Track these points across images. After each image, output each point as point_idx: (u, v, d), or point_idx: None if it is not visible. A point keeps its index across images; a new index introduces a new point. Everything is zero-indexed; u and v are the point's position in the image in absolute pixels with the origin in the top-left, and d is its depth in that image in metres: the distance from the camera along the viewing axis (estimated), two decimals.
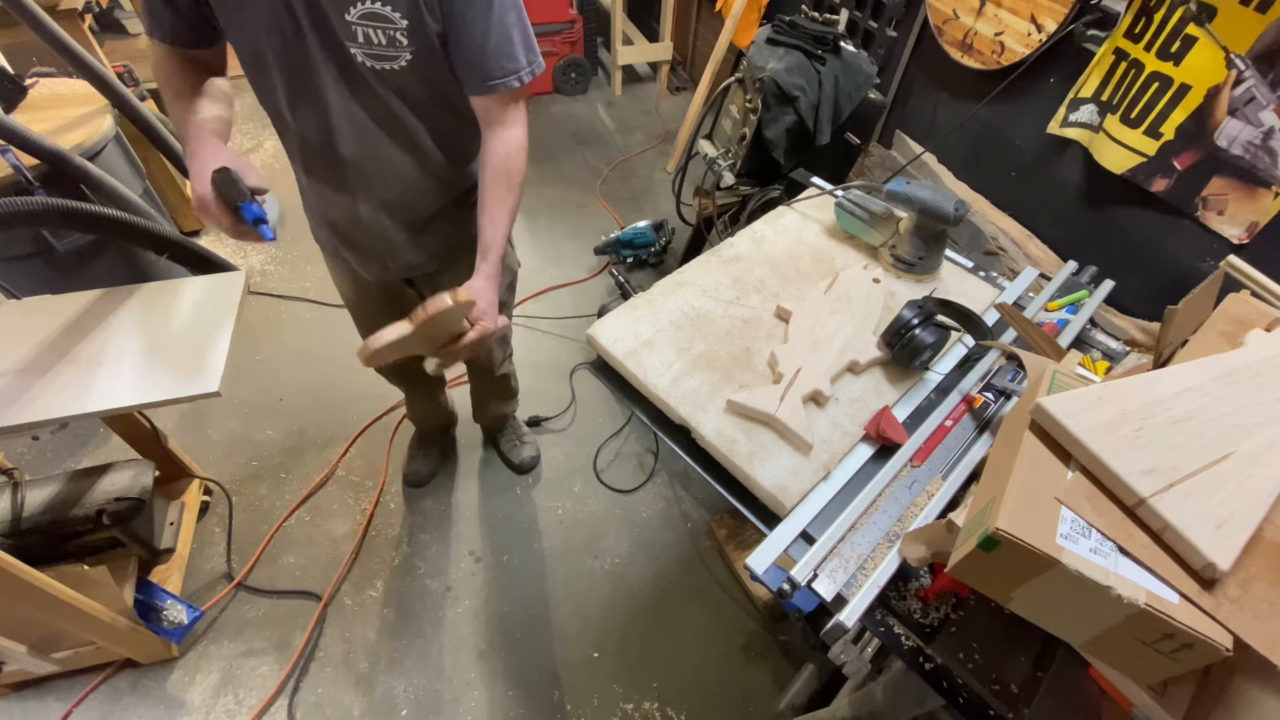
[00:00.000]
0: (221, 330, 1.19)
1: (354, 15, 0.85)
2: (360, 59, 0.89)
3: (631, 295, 1.21)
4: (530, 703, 1.51)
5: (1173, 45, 1.20)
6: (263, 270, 2.50)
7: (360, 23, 0.85)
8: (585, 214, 2.90)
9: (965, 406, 1.02)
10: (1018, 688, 0.76)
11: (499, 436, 1.96)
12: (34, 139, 1.53)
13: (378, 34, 0.87)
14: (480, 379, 1.71)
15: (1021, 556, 0.63)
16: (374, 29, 0.86)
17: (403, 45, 0.88)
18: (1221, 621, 0.60)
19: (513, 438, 1.95)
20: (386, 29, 0.86)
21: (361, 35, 0.87)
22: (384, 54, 0.89)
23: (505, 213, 1.00)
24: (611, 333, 1.08)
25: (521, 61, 0.95)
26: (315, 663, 1.55)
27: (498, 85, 0.95)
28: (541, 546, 1.79)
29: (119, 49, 3.41)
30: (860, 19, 1.99)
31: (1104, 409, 0.71)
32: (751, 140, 1.80)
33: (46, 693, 1.46)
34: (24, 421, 1.04)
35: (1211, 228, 1.22)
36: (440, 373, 0.96)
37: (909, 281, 1.22)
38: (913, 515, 0.89)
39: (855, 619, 0.78)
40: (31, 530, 1.31)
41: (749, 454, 0.93)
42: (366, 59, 0.89)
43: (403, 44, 0.88)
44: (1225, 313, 0.90)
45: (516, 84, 0.96)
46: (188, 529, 1.65)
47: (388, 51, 0.89)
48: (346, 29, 0.86)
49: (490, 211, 1.00)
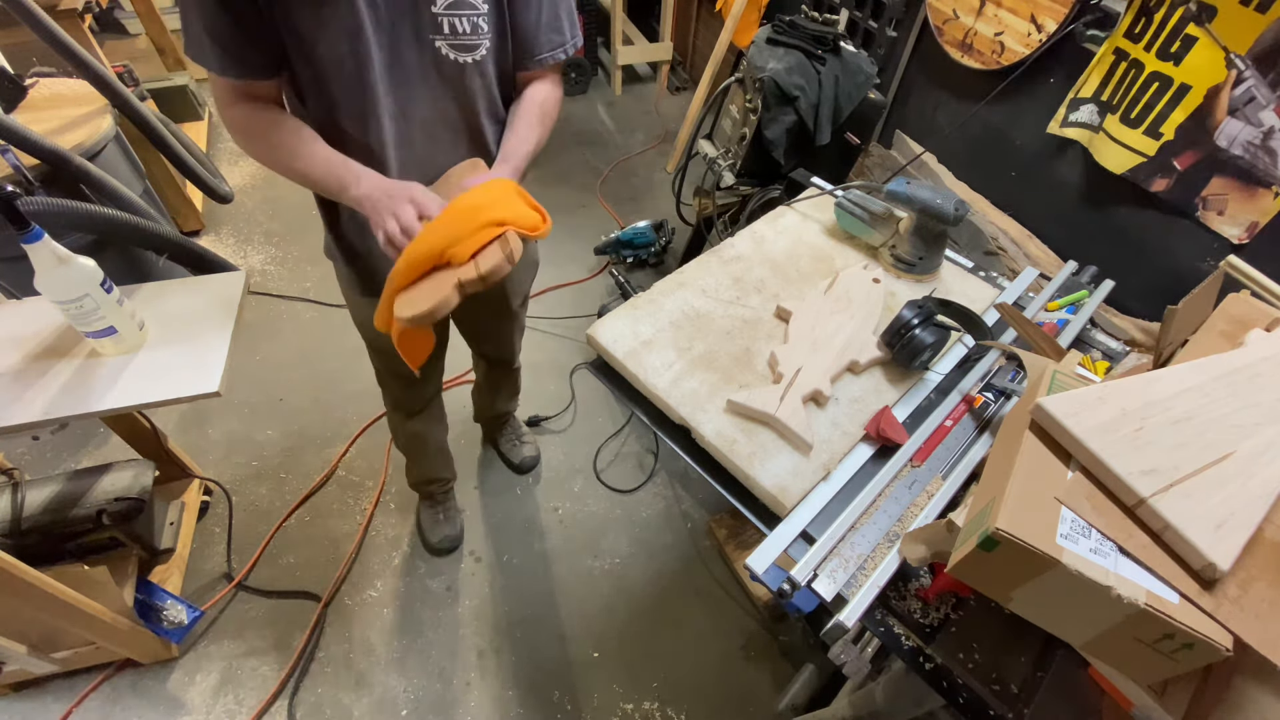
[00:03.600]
0: (221, 330, 1.19)
1: (440, 6, 0.85)
2: (445, 51, 0.88)
3: (631, 295, 1.21)
4: (530, 703, 1.51)
5: (1173, 45, 1.20)
6: (263, 270, 2.50)
7: (447, 13, 0.85)
8: (585, 214, 2.90)
9: (965, 406, 1.02)
10: (1018, 688, 0.76)
11: (499, 436, 1.96)
12: (34, 139, 1.53)
13: (463, 22, 0.87)
14: (495, 373, 1.68)
15: (1021, 556, 0.63)
16: (459, 17, 0.86)
17: (484, 32, 0.89)
18: (1221, 621, 0.60)
19: (512, 437, 1.95)
20: (470, 15, 0.87)
21: (448, 25, 0.86)
22: (468, 43, 0.89)
23: (534, 137, 0.99)
24: (611, 333, 1.08)
25: (567, 35, 0.98)
26: (315, 663, 1.54)
27: (546, 59, 0.98)
28: (541, 546, 1.79)
29: (119, 49, 3.41)
30: (860, 19, 1.99)
31: (1104, 409, 0.71)
32: (751, 140, 1.80)
33: (46, 693, 1.46)
34: (24, 421, 1.04)
35: (1211, 228, 1.22)
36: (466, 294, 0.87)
37: (909, 281, 1.22)
38: (913, 515, 0.89)
39: (855, 619, 0.78)
40: (31, 530, 1.31)
41: (749, 454, 0.93)
42: (451, 51, 0.88)
43: (484, 30, 0.89)
44: (1225, 313, 0.90)
45: (563, 56, 0.99)
46: (188, 529, 1.65)
47: (471, 40, 0.89)
48: (433, 21, 0.85)
49: (516, 129, 0.99)
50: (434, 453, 1.63)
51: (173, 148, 2.02)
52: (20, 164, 1.55)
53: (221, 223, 2.71)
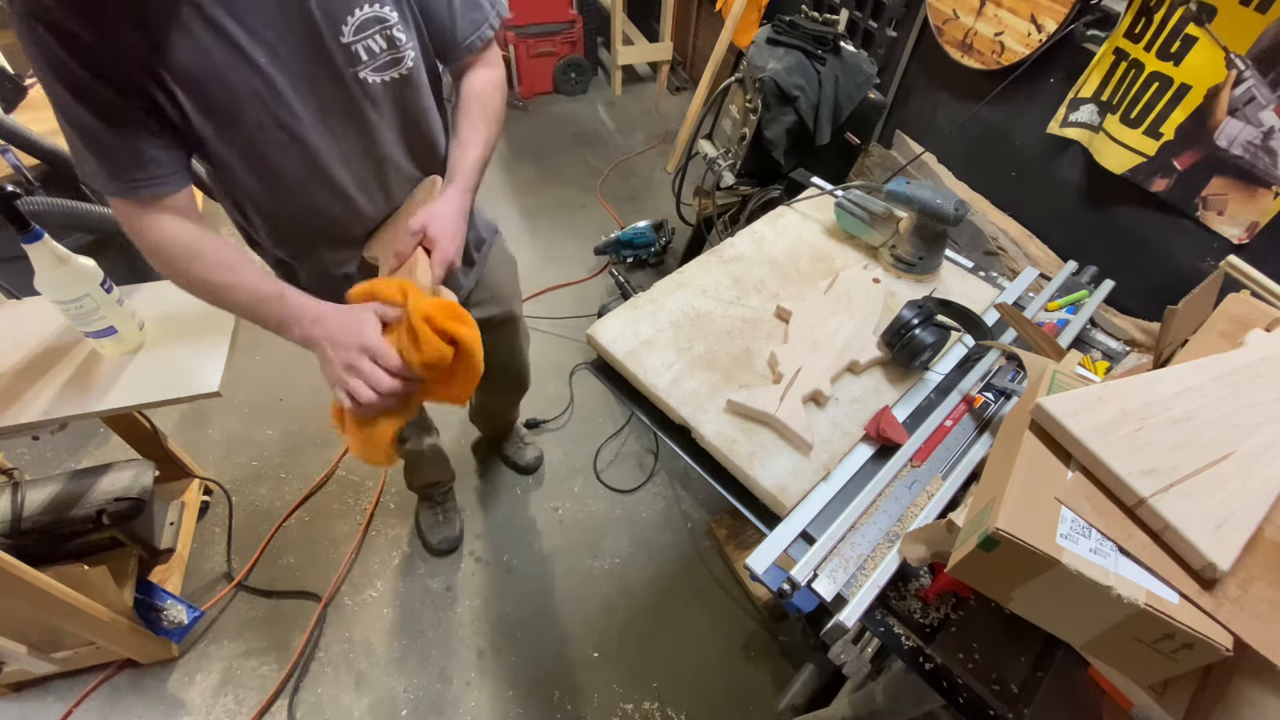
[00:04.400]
0: (221, 330, 1.19)
1: (349, 35, 0.76)
2: (370, 79, 0.81)
3: (631, 295, 1.21)
4: (530, 703, 1.51)
5: (1173, 45, 1.20)
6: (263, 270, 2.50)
7: (357, 38, 0.77)
8: (585, 214, 2.90)
9: (965, 406, 1.02)
10: (1018, 688, 0.76)
11: (503, 442, 1.95)
12: (34, 139, 1.53)
13: (377, 40, 0.79)
14: (509, 396, 1.65)
15: (1021, 556, 0.63)
16: (372, 37, 0.79)
17: (401, 43, 0.81)
18: (1221, 621, 0.60)
19: (516, 440, 1.94)
20: (383, 30, 0.79)
21: (363, 51, 0.78)
22: (391, 59, 0.81)
23: (479, 140, 0.92)
24: (611, 333, 1.08)
25: (486, 9, 0.91)
26: (315, 663, 1.55)
27: (474, 41, 0.91)
28: (541, 547, 1.79)
29: None
30: (860, 19, 1.99)
31: (1104, 409, 0.71)
32: (751, 140, 1.80)
33: (46, 693, 1.46)
34: (24, 421, 1.04)
35: (1211, 228, 1.22)
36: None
37: (909, 281, 1.22)
38: (913, 515, 0.89)
39: (855, 619, 0.78)
40: (31, 530, 1.31)
41: (749, 454, 0.93)
42: (375, 74, 0.81)
43: (401, 40, 0.81)
44: (1225, 313, 0.90)
45: (489, 33, 0.92)
46: (188, 529, 1.65)
47: (393, 55, 0.81)
48: (346, 53, 0.77)
49: (461, 136, 0.91)
50: (428, 461, 1.61)
51: None
52: (20, 164, 1.55)
53: (221, 223, 2.70)
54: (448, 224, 0.88)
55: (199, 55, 0.70)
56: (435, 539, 1.74)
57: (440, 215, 0.87)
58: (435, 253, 0.86)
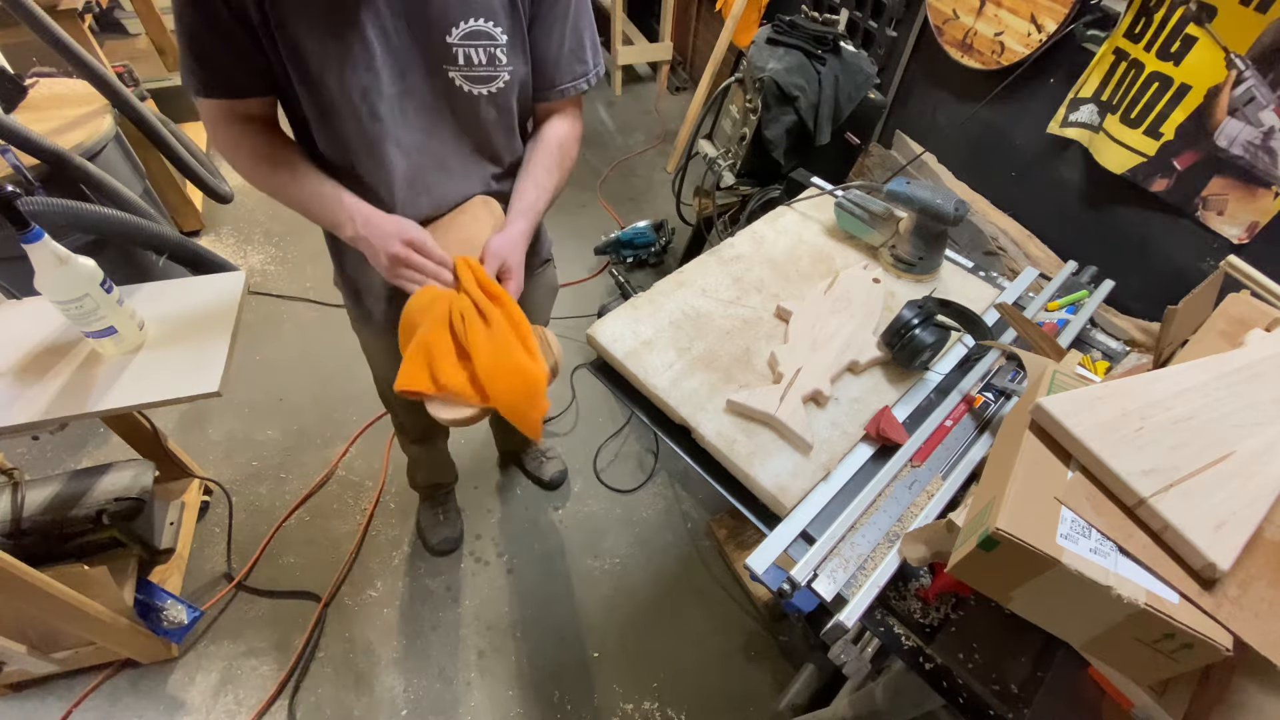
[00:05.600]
0: (221, 330, 1.19)
1: (456, 36, 0.80)
2: (459, 83, 0.84)
3: (631, 295, 1.21)
4: (530, 703, 1.51)
5: (1173, 45, 1.20)
6: (263, 270, 2.50)
7: (462, 43, 0.81)
8: (585, 214, 2.90)
9: (965, 406, 1.02)
10: (1018, 688, 0.76)
11: (523, 455, 1.93)
12: (34, 139, 1.53)
13: (479, 53, 0.83)
14: None
15: (1021, 556, 0.63)
16: (475, 48, 0.82)
17: (501, 63, 0.85)
18: (1221, 621, 0.60)
19: (537, 454, 1.92)
20: (487, 46, 0.83)
21: (463, 56, 0.82)
22: (484, 75, 0.85)
23: (552, 185, 0.96)
24: (611, 333, 1.08)
25: (590, 63, 0.94)
26: (315, 663, 1.55)
27: (569, 89, 0.94)
28: (542, 546, 1.79)
29: (119, 49, 3.40)
30: (860, 19, 1.99)
31: (1104, 409, 0.71)
32: (751, 140, 1.80)
33: (46, 693, 1.46)
34: (24, 421, 1.04)
35: (1211, 228, 1.22)
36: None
37: (909, 281, 1.22)
38: (913, 515, 0.89)
39: (855, 619, 0.78)
40: (31, 530, 1.31)
41: (749, 454, 0.93)
42: (465, 83, 0.84)
43: (501, 61, 0.85)
44: (1225, 313, 0.90)
45: (585, 86, 0.95)
46: (188, 529, 1.65)
47: (487, 72, 0.84)
48: (448, 52, 0.81)
49: (534, 175, 0.95)
50: (436, 462, 1.65)
51: (173, 148, 2.03)
52: (20, 164, 1.55)
53: (221, 223, 2.71)
54: (520, 257, 0.92)
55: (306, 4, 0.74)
56: (435, 539, 1.74)
57: (516, 247, 0.91)
58: (510, 283, 0.89)
